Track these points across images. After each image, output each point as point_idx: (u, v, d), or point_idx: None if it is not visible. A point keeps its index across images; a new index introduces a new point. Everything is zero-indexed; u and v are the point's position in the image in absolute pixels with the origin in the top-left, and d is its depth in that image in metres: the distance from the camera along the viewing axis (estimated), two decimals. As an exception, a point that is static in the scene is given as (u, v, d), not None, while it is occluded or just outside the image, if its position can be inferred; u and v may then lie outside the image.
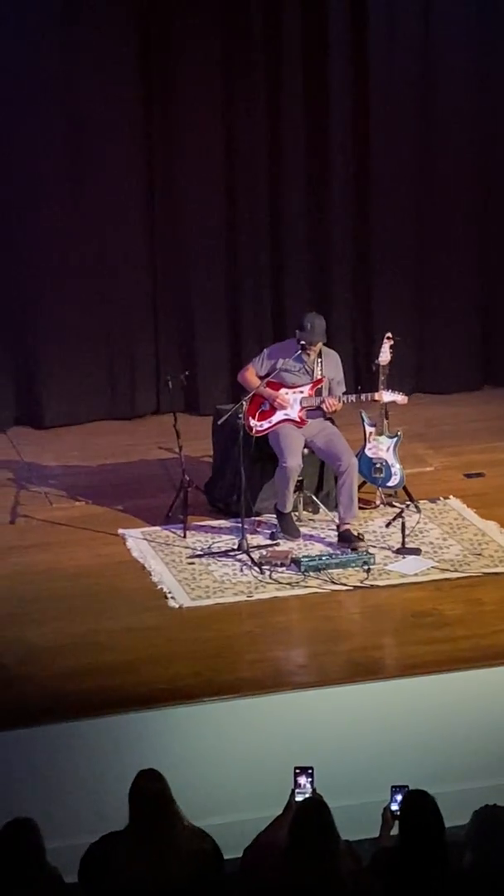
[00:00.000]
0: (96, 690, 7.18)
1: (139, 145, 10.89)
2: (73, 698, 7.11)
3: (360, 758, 7.01)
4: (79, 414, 11.08)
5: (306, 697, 7.21)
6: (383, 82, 11.13)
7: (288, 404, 8.93)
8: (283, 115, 11.05)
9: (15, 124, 10.53)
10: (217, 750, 7.01)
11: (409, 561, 8.58)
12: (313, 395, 8.95)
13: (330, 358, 9.05)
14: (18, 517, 9.34)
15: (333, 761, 6.59)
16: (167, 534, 9.05)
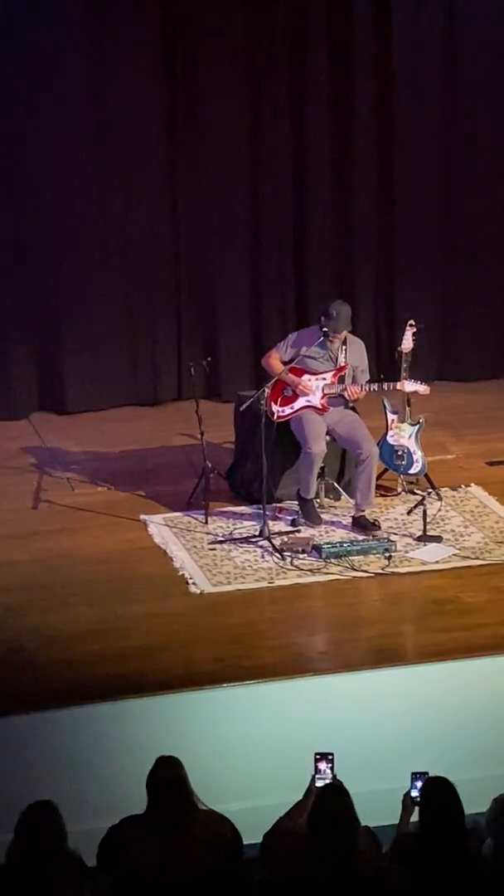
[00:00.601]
0: (117, 675, 7.21)
1: (162, 131, 10.88)
2: (95, 683, 7.14)
3: (380, 744, 7.02)
4: (101, 400, 11.09)
5: (327, 683, 7.22)
6: (409, 63, 11.08)
7: (310, 391, 8.93)
8: (307, 101, 11.03)
9: (38, 107, 10.52)
10: (237, 735, 7.03)
11: (431, 548, 8.58)
12: (336, 382, 8.95)
13: (355, 346, 9.04)
14: (41, 503, 9.36)
15: (354, 747, 6.59)
16: (189, 520, 9.06)
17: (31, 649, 7.49)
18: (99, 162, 10.80)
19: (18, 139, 10.53)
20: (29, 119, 10.53)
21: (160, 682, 7.14)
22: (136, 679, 7.17)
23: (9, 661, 7.37)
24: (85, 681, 7.16)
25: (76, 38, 10.51)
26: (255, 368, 10.74)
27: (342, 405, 8.99)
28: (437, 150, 11.31)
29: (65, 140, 10.65)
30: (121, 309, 11.08)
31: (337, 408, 8.96)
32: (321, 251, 11.30)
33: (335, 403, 8.96)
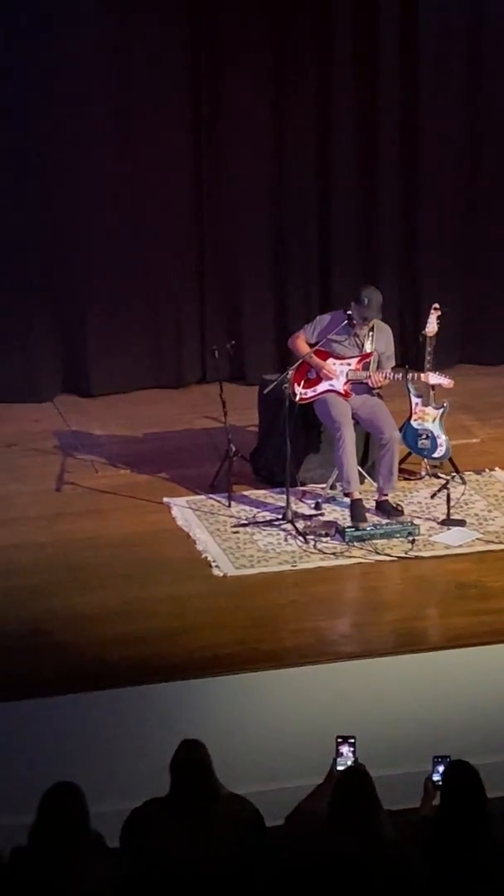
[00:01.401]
0: (140, 658, 7.22)
1: (186, 113, 10.86)
2: (117, 665, 7.16)
3: (401, 728, 7.03)
4: (125, 383, 11.10)
5: (349, 667, 7.23)
6: (435, 47, 11.03)
7: (334, 375, 8.92)
8: (333, 83, 10.98)
9: (63, 88, 10.50)
10: (260, 718, 7.04)
11: (454, 532, 8.57)
12: (360, 369, 8.93)
13: (382, 332, 9.01)
14: (64, 485, 9.38)
15: (375, 731, 6.61)
16: (212, 503, 9.07)
17: (54, 631, 7.51)
18: (123, 146, 10.78)
19: (43, 121, 10.51)
20: (53, 96, 10.51)
21: (182, 664, 7.15)
22: (157, 662, 7.18)
23: (32, 643, 7.40)
24: (107, 663, 7.18)
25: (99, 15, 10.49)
26: (279, 351, 10.74)
27: (366, 391, 8.97)
28: (463, 134, 11.25)
29: (87, 125, 10.63)
30: (145, 292, 11.07)
31: (360, 394, 8.94)
32: (346, 234, 11.27)
33: (359, 390, 8.95)
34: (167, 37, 10.63)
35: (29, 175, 10.61)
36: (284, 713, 7.07)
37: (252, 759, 6.83)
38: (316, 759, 5.91)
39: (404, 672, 7.25)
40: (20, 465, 9.70)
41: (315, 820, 5.24)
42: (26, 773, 6.41)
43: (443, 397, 9.30)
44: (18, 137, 10.53)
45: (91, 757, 6.77)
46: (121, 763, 6.83)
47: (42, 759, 6.61)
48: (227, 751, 5.75)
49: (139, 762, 6.73)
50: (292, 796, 5.66)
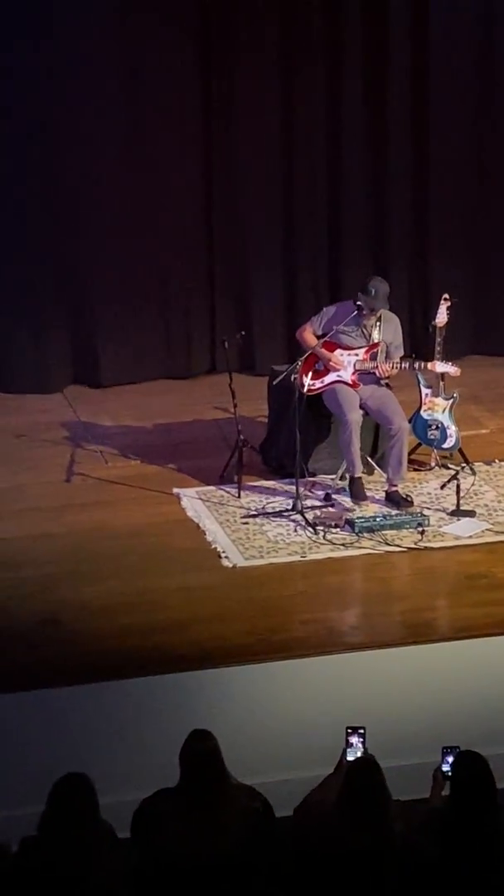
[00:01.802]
0: (149, 649, 7.23)
1: (197, 103, 10.85)
2: (127, 656, 7.17)
3: (411, 718, 7.03)
4: (134, 373, 11.10)
5: (359, 658, 7.23)
6: (445, 36, 10.99)
7: (341, 366, 8.92)
8: (344, 75, 10.96)
9: (73, 80, 10.50)
10: (269, 709, 7.04)
11: (464, 523, 8.57)
12: (368, 359, 8.93)
13: (390, 322, 9.01)
14: (74, 476, 9.39)
15: (385, 722, 6.61)
16: (222, 493, 9.07)
17: (64, 622, 7.52)
18: (132, 135, 10.77)
19: (51, 111, 10.51)
20: (61, 89, 10.50)
21: (192, 656, 7.16)
22: (167, 653, 7.19)
23: (41, 633, 7.41)
24: (117, 654, 7.19)
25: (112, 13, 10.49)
26: (289, 342, 10.72)
27: (375, 382, 8.97)
28: (473, 125, 11.22)
29: (96, 114, 10.63)
30: (155, 282, 11.07)
31: (369, 384, 8.94)
32: (356, 225, 11.26)
33: (368, 380, 8.94)
34: (177, 30, 10.61)
35: (39, 166, 10.59)
36: (294, 704, 7.07)
37: (261, 749, 6.84)
38: (325, 749, 5.92)
39: (414, 663, 7.25)
40: (30, 456, 9.71)
41: (324, 810, 5.25)
42: (36, 764, 6.42)
43: (452, 387, 9.29)
44: (29, 129, 10.51)
45: (101, 747, 6.78)
46: (130, 754, 6.84)
47: (52, 750, 6.61)
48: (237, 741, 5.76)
49: (149, 753, 6.74)
50: (302, 787, 5.67)
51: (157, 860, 5.19)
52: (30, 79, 10.39)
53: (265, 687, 7.10)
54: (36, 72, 10.39)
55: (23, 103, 10.44)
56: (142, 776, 6.47)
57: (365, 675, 7.18)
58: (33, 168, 10.59)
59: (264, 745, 6.89)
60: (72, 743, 6.73)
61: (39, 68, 10.38)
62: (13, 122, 10.49)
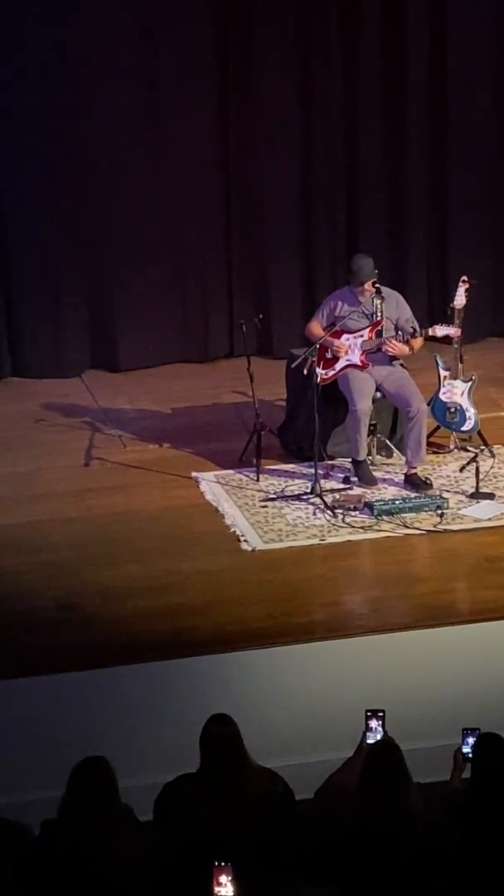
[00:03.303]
0: (169, 632, 7.23)
1: (215, 86, 10.82)
2: (147, 640, 7.17)
3: (431, 701, 7.02)
4: (152, 357, 11.10)
5: (378, 641, 7.22)
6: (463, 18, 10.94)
7: (345, 350, 8.91)
8: (360, 56, 10.91)
9: (91, 63, 10.48)
10: (289, 692, 7.04)
11: (483, 505, 8.55)
12: (373, 337, 8.92)
13: (391, 298, 9.00)
14: (93, 460, 9.39)
15: (405, 704, 6.61)
16: (240, 477, 9.07)
17: (84, 606, 7.52)
18: (151, 121, 10.75)
19: (72, 95, 10.50)
20: (82, 73, 10.49)
21: (211, 639, 7.16)
22: (187, 636, 7.19)
23: (61, 617, 7.42)
24: (136, 637, 7.19)
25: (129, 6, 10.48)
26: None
27: (388, 362, 8.95)
28: (491, 105, 11.18)
29: (113, 99, 10.61)
30: (173, 266, 11.06)
31: (385, 365, 8.93)
32: (373, 208, 11.23)
33: (380, 359, 8.92)
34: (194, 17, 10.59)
35: (58, 153, 10.59)
36: (314, 687, 7.07)
37: (282, 732, 6.84)
38: (345, 732, 5.92)
39: (433, 645, 7.24)
40: (48, 441, 9.72)
41: (345, 793, 5.25)
42: (56, 748, 6.42)
43: (472, 368, 9.26)
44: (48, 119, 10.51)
45: (121, 731, 6.78)
46: (150, 737, 6.85)
47: (72, 734, 6.62)
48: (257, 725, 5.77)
49: (169, 736, 6.75)
50: (322, 770, 5.67)
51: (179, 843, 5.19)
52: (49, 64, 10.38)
53: (285, 670, 7.09)
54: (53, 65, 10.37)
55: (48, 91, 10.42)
56: (161, 760, 6.50)
57: (384, 657, 7.17)
58: (52, 153, 10.58)
59: (284, 728, 6.89)
60: (92, 727, 6.74)
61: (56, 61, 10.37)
62: (33, 109, 10.47)
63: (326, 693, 7.02)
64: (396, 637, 7.24)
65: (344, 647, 7.17)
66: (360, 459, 8.85)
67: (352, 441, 8.86)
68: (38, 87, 10.45)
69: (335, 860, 5.10)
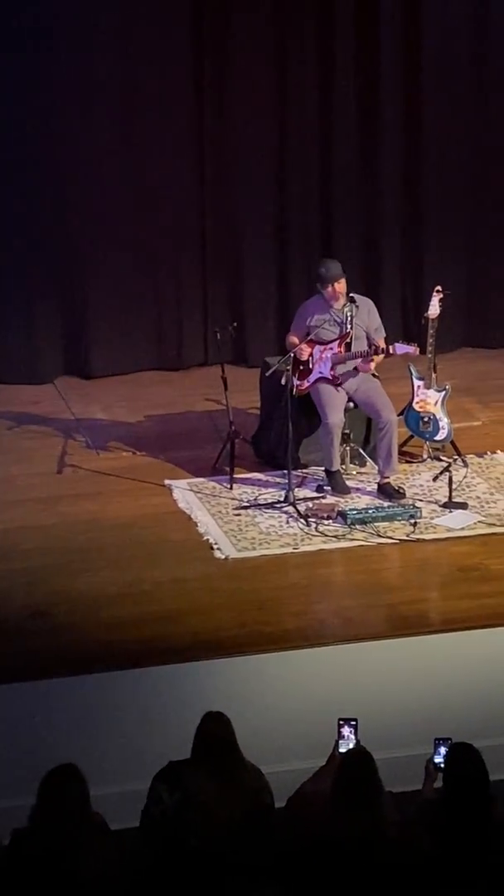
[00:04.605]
0: (142, 640, 7.22)
1: (190, 92, 10.82)
2: (118, 648, 7.15)
3: (403, 710, 7.02)
4: (126, 365, 11.08)
5: (351, 650, 7.22)
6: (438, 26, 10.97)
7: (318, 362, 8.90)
8: (335, 61, 10.93)
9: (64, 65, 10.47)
10: (262, 701, 7.03)
11: (456, 515, 8.56)
12: (342, 351, 8.92)
13: (363, 305, 9.00)
14: (65, 467, 9.37)
15: (377, 713, 6.60)
16: (213, 485, 9.06)
17: (56, 614, 7.50)
18: (125, 124, 10.75)
19: (44, 104, 10.48)
20: (55, 79, 10.48)
21: (184, 647, 7.15)
22: (159, 645, 7.18)
23: (33, 625, 7.39)
24: (108, 645, 7.18)
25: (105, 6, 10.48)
26: (282, 334, 10.68)
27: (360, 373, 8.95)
28: (467, 115, 11.20)
29: (87, 103, 10.60)
30: (147, 273, 11.05)
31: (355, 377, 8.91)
32: (348, 217, 11.24)
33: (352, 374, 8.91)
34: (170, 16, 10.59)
35: (31, 158, 10.57)
36: (286, 695, 7.06)
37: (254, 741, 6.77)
38: (318, 741, 5.91)
39: (406, 654, 7.24)
40: (21, 448, 9.69)
41: (317, 801, 5.24)
42: (27, 756, 6.40)
43: (445, 378, 9.28)
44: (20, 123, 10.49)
45: (92, 739, 6.76)
46: (122, 745, 6.83)
47: (43, 742, 6.60)
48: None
49: (141, 744, 6.73)
50: (294, 778, 5.66)
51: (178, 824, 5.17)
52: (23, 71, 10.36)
53: (257, 679, 7.09)
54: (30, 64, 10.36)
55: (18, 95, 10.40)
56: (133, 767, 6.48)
57: (357, 666, 7.17)
58: (26, 159, 10.56)
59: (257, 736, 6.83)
60: (63, 735, 6.72)
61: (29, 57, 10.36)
62: (4, 119, 10.45)
63: (299, 701, 7.01)
64: (369, 646, 7.24)
65: (317, 656, 7.17)
66: (333, 470, 8.86)
67: (325, 452, 8.86)
68: (9, 97, 10.42)
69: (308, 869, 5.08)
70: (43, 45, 10.38)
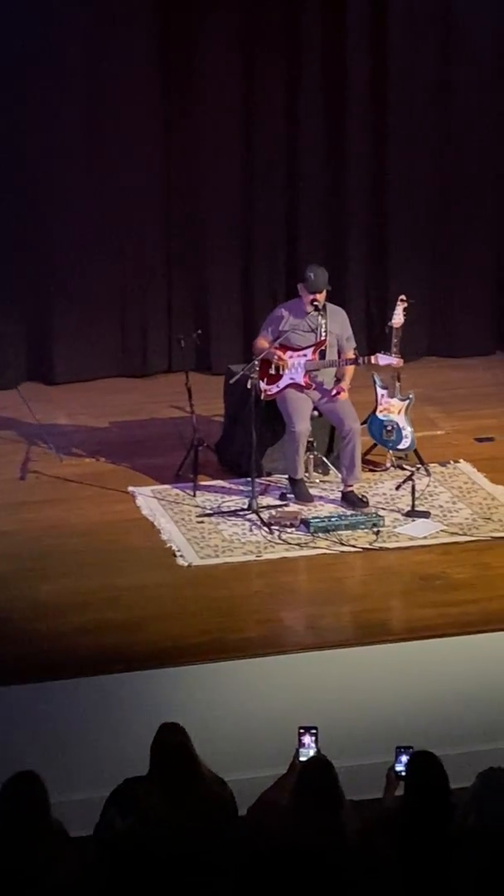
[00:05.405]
0: (104, 647, 7.20)
1: (156, 101, 10.81)
2: (81, 655, 7.14)
3: (364, 719, 7.03)
4: (91, 371, 11.06)
5: (313, 658, 7.22)
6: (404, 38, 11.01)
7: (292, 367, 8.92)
8: (302, 78, 10.95)
9: (34, 80, 10.46)
10: (223, 709, 7.03)
11: (419, 524, 8.58)
12: (316, 358, 8.94)
13: (336, 315, 9.03)
14: (29, 473, 9.35)
15: (339, 722, 6.62)
16: (177, 492, 9.05)
17: (18, 620, 7.48)
18: (91, 134, 10.73)
19: (12, 111, 10.46)
20: (23, 89, 10.46)
21: (147, 654, 7.14)
22: (122, 652, 7.17)
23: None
24: (71, 653, 7.16)
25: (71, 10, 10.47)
26: (246, 341, 10.71)
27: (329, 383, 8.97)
28: (431, 126, 11.23)
29: (56, 112, 10.58)
30: (111, 280, 11.03)
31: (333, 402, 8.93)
32: (313, 225, 11.25)
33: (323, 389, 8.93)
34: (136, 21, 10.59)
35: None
36: (248, 703, 7.06)
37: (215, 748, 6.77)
38: (279, 749, 5.91)
39: (368, 663, 7.25)
40: (-16, 454, 9.67)
41: (278, 810, 5.24)
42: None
43: (409, 387, 9.30)
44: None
45: (53, 746, 6.74)
46: (83, 752, 6.81)
47: (2, 749, 6.57)
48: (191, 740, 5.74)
49: (102, 751, 6.73)
50: (255, 787, 5.66)
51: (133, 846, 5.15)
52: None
53: (219, 686, 7.08)
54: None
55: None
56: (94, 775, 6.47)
57: (319, 674, 7.18)
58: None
59: (218, 744, 6.84)
60: (24, 742, 6.69)
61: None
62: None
63: (260, 709, 7.02)
64: (331, 654, 7.25)
65: (279, 664, 7.17)
66: (297, 478, 8.87)
67: (289, 460, 8.87)
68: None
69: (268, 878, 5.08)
70: (13, 53, 10.37)
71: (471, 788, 5.38)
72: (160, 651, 7.17)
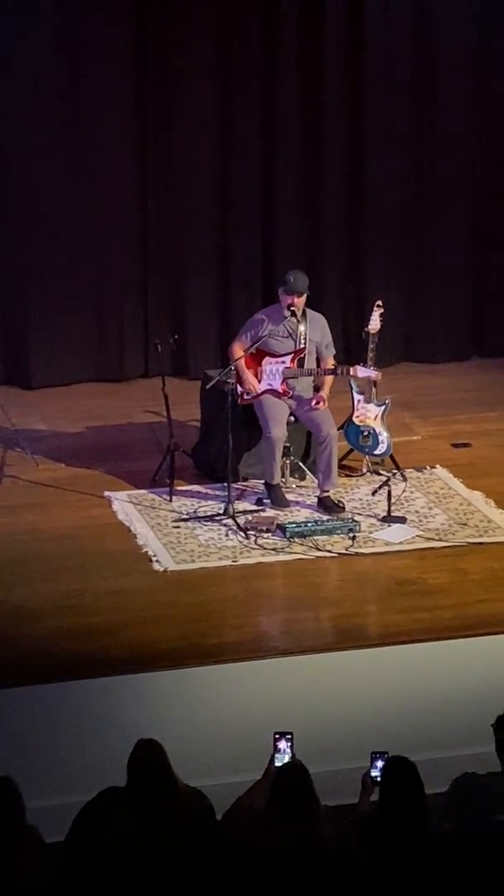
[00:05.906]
0: (80, 652, 7.19)
1: (132, 111, 10.83)
2: (56, 660, 7.12)
3: (340, 724, 7.03)
4: (66, 375, 11.06)
5: (289, 663, 7.22)
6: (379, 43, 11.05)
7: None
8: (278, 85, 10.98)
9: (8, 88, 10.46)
10: (199, 714, 7.03)
11: (395, 529, 8.59)
12: (295, 365, 8.95)
13: (315, 321, 9.04)
14: (4, 478, 9.33)
15: (314, 727, 6.61)
16: (153, 497, 9.05)
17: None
18: (68, 139, 10.74)
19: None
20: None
21: (123, 659, 7.13)
22: (98, 657, 7.15)
23: (-30, 636, 7.36)
24: (46, 657, 7.14)
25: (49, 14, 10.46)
26: (222, 347, 10.71)
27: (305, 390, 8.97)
28: (407, 132, 11.29)
29: (32, 117, 10.58)
30: (88, 284, 11.04)
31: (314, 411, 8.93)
32: (289, 231, 11.28)
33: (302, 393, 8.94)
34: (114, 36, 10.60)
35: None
36: (224, 708, 7.06)
37: (191, 754, 6.80)
38: (254, 754, 5.91)
39: (344, 668, 7.25)
40: (-40, 458, 9.65)
41: (253, 815, 5.24)
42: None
43: (384, 394, 9.32)
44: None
45: (29, 751, 6.73)
46: (58, 757, 6.80)
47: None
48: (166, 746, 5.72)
49: (77, 756, 6.71)
50: (230, 792, 5.66)
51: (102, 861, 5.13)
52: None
53: (196, 691, 7.08)
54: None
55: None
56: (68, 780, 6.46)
57: (295, 680, 7.18)
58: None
59: (194, 749, 6.86)
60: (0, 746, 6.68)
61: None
62: None
63: (235, 715, 7.01)
64: (307, 659, 7.25)
65: (254, 669, 7.17)
66: (273, 483, 8.87)
67: (266, 465, 8.88)
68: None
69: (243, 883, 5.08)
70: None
71: (446, 794, 5.39)
72: (136, 656, 7.16)
